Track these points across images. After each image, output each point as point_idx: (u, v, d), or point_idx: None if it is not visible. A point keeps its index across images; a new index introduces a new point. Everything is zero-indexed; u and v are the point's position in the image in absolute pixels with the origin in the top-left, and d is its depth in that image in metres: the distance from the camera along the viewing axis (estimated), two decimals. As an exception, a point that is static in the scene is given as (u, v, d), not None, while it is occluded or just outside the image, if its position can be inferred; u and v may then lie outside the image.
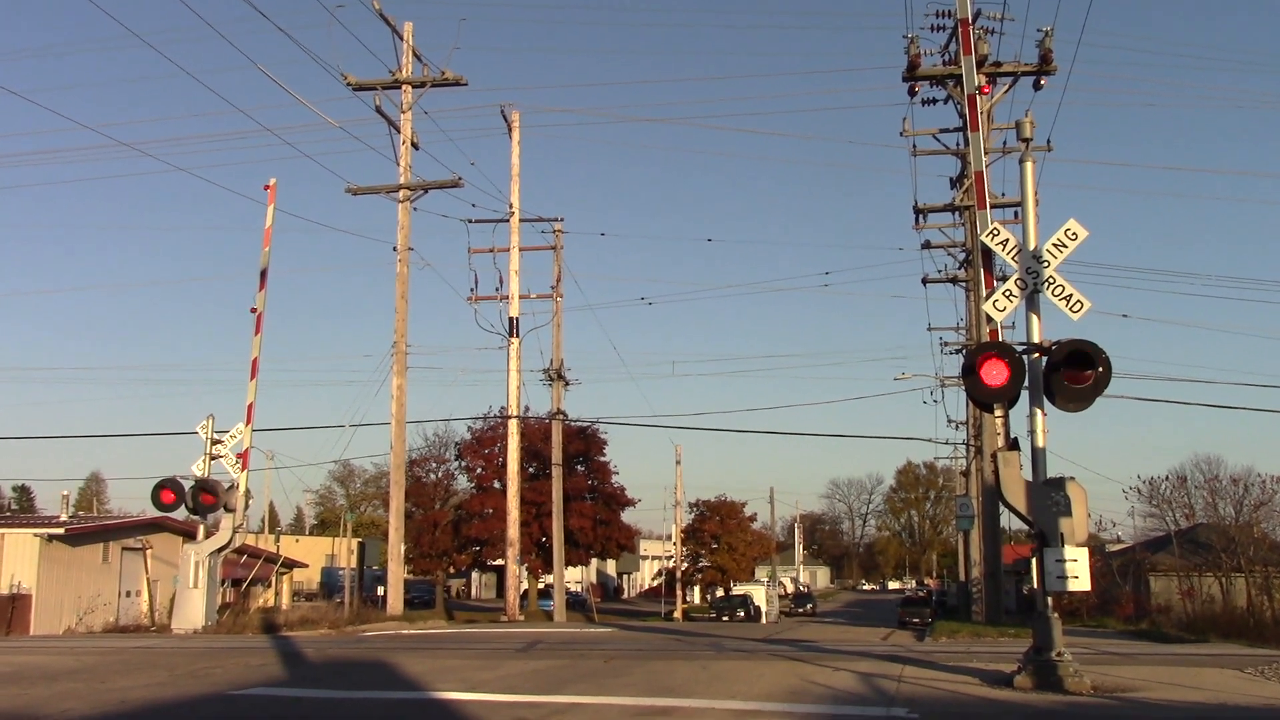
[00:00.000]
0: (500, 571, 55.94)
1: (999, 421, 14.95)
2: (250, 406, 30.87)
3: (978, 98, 16.01)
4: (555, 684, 14.29)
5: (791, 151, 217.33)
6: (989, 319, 15.36)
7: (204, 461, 30.29)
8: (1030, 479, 14.17)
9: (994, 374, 13.84)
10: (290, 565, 54.45)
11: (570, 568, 58.92)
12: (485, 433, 57.58)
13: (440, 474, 61.58)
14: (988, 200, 15.86)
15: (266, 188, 32.56)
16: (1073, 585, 13.45)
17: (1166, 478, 38.55)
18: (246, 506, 31.27)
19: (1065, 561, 13.39)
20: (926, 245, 45.46)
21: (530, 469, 54.66)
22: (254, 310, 31.25)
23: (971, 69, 16.39)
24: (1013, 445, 14.50)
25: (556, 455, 48.07)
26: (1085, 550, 13.83)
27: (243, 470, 30.87)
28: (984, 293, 15.33)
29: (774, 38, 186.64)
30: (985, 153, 35.16)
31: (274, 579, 50.34)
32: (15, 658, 19.80)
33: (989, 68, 34.88)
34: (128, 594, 39.10)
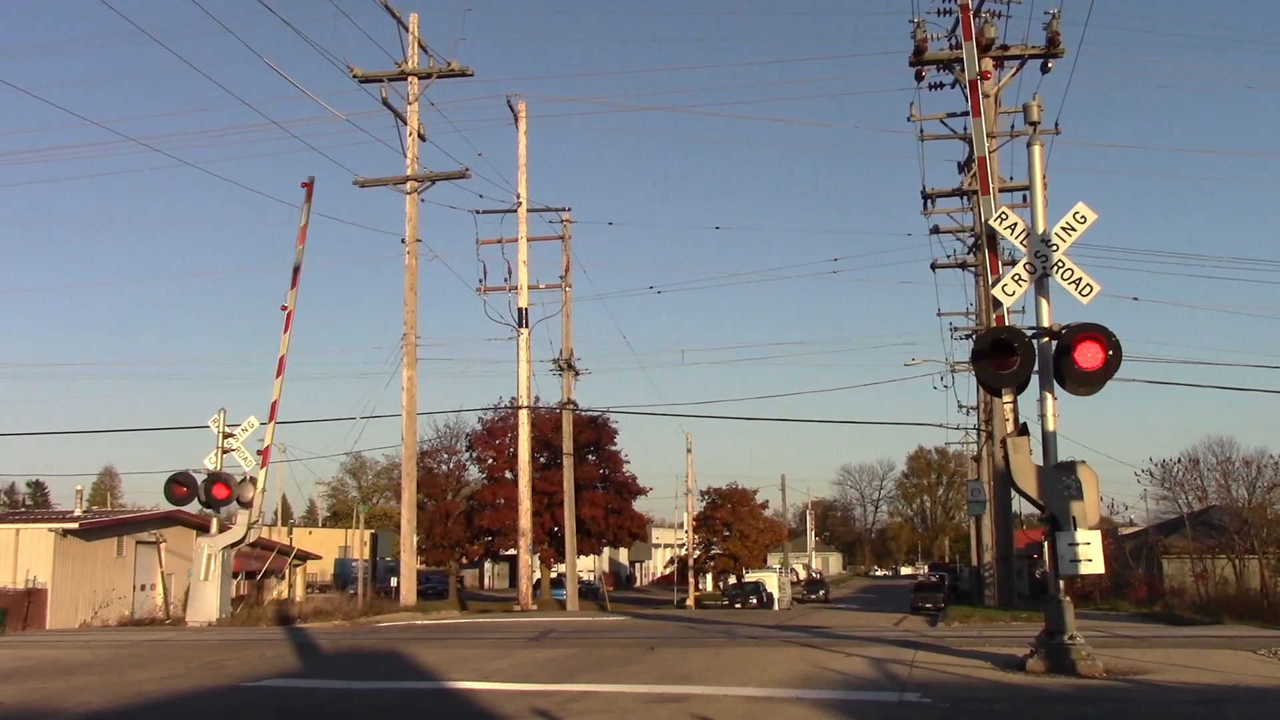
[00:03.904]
0: (513, 561, 56.00)
1: (1007, 407, 14.92)
2: (274, 405, 30.77)
3: (979, 83, 15.95)
4: (568, 672, 14.34)
5: (799, 138, 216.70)
6: (996, 303, 15.31)
7: (216, 455, 30.39)
8: (1041, 463, 14.15)
9: (1004, 359, 13.82)
10: (303, 557, 54.55)
11: (582, 557, 59.01)
12: (496, 423, 57.64)
13: (452, 465, 61.66)
14: (992, 185, 15.81)
15: (304, 185, 32.33)
16: (1086, 568, 13.42)
17: (1179, 460, 38.54)
18: (266, 519, 31.45)
19: (1078, 544, 13.36)
20: (935, 230, 45.28)
21: (541, 459, 54.72)
22: (284, 308, 31.07)
23: (973, 55, 16.31)
24: (1022, 430, 14.47)
25: (567, 445, 48.14)
26: (1098, 532, 13.80)
27: (263, 467, 30.98)
28: (991, 278, 15.27)
29: (780, 24, 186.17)
30: (993, 136, 35.21)
31: (287, 571, 50.47)
32: (32, 651, 19.93)
33: (996, 51, 34.75)
34: (142, 587, 39.25)
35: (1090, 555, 13.36)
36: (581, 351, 66.98)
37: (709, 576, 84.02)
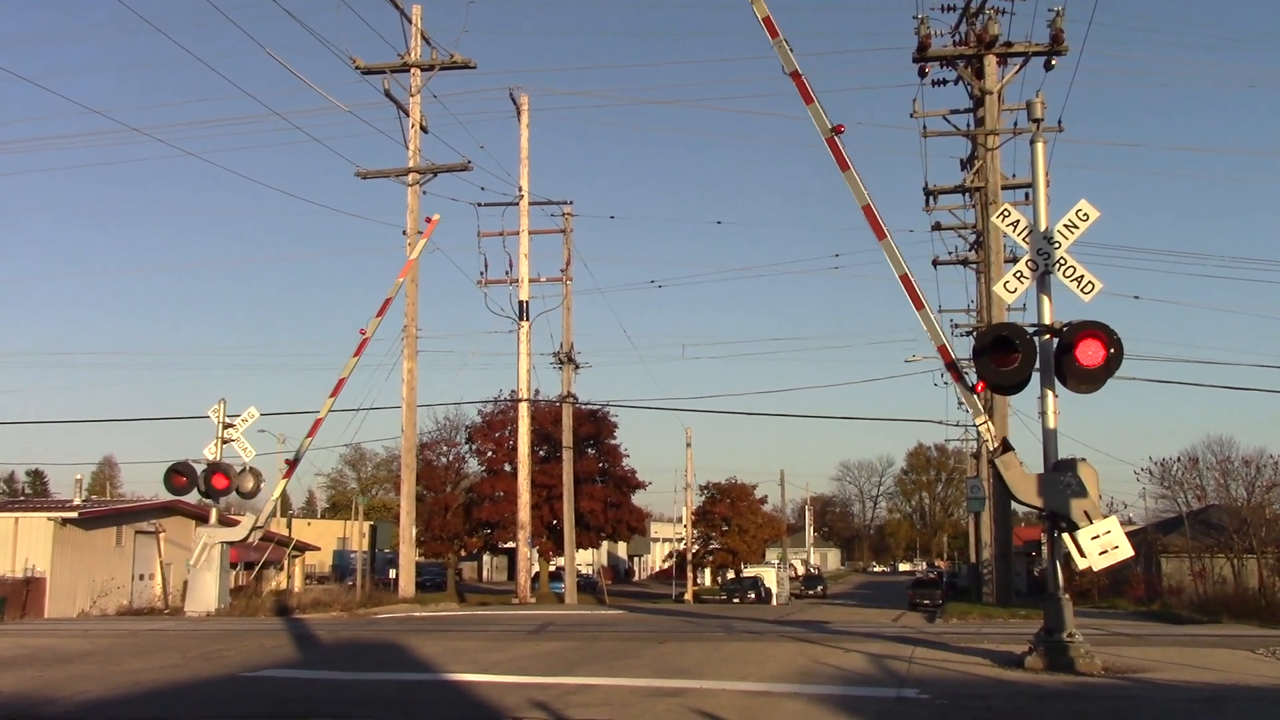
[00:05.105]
0: (511, 554, 56.02)
1: (984, 428, 14.93)
2: (319, 421, 30.77)
3: (837, 140, 15.91)
4: (566, 665, 14.34)
5: (801, 134, 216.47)
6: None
7: (216, 445, 30.37)
8: (1043, 460, 14.15)
9: (1005, 356, 13.80)
10: (302, 548, 54.57)
11: (581, 550, 58.98)
12: (496, 416, 57.63)
13: (451, 457, 61.59)
14: (886, 231, 15.68)
15: (429, 219, 32.37)
16: (1116, 555, 13.38)
17: (1178, 459, 38.41)
18: (274, 511, 31.86)
19: (1100, 537, 13.32)
20: (937, 227, 45.34)
21: (541, 452, 54.71)
22: (362, 332, 31.03)
23: (819, 113, 16.22)
24: (1006, 447, 14.41)
25: (567, 438, 48.12)
26: (1114, 517, 13.82)
27: (285, 478, 31.49)
28: (917, 312, 15.26)
29: (784, 19, 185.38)
30: (995, 133, 35.20)
31: (286, 562, 50.50)
32: (31, 640, 19.94)
33: (1000, 48, 34.72)
34: (141, 577, 39.27)
35: (1116, 542, 13.34)
36: (582, 345, 67.09)
37: (707, 571, 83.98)
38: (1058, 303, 14.27)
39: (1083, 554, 13.38)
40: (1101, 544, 13.26)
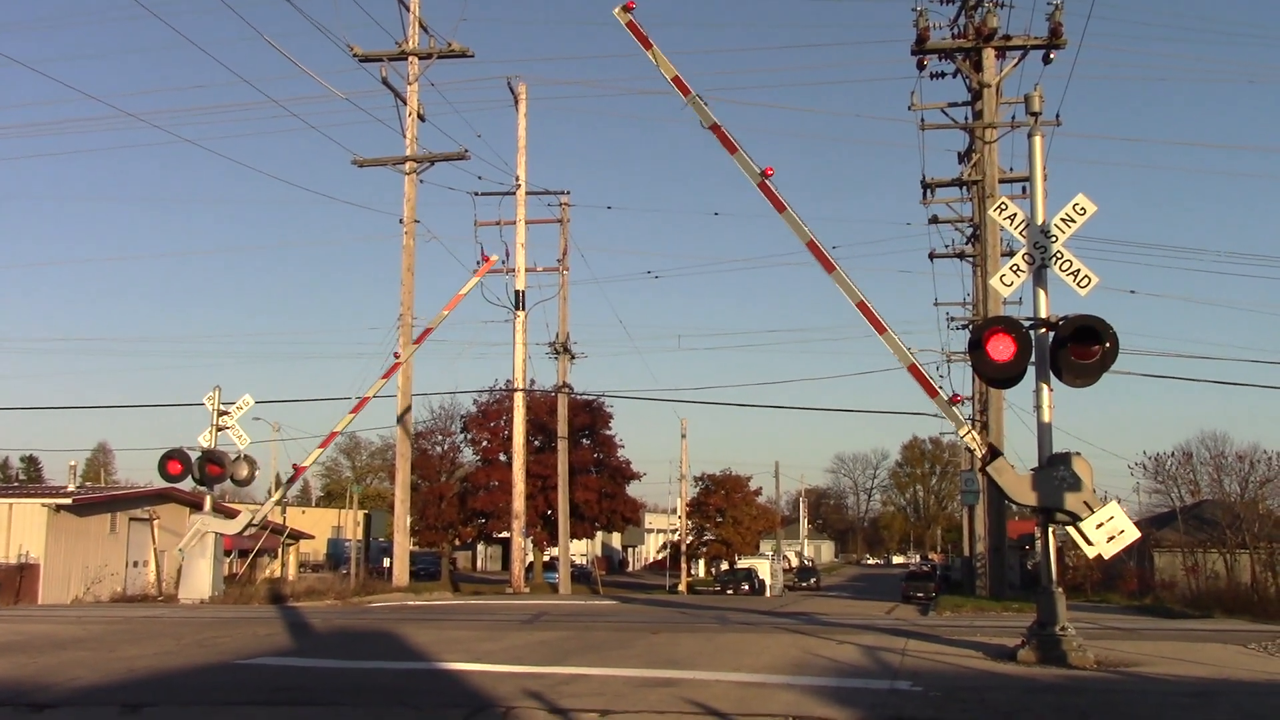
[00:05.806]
0: (505, 544, 56.15)
1: (969, 439, 14.93)
2: (333, 434, 31.03)
3: (769, 184, 15.90)
4: (560, 655, 14.35)
5: (798, 125, 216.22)
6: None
7: (210, 432, 30.31)
8: (1038, 454, 14.16)
9: (1000, 349, 13.78)
10: (296, 536, 54.55)
11: (575, 540, 59.06)
12: (491, 406, 57.64)
13: (446, 447, 61.60)
14: (834, 264, 15.58)
15: (485, 259, 32.54)
16: (1124, 541, 13.43)
17: (1172, 454, 38.38)
18: (270, 508, 32.08)
19: (1104, 524, 13.35)
20: (934, 220, 45.38)
21: (536, 442, 54.73)
22: (396, 355, 31.20)
23: (746, 161, 16.20)
24: (994, 454, 14.39)
25: (562, 428, 48.13)
26: (1114, 502, 13.86)
27: (293, 481, 32.18)
28: (895, 338, 15.24)
29: (782, 9, 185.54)
30: (993, 127, 35.18)
31: (280, 550, 50.52)
32: (24, 626, 19.93)
33: (998, 41, 34.72)
34: (135, 564, 39.28)
35: (1121, 527, 13.39)
36: (578, 335, 67.04)
37: (701, 562, 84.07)
38: (1054, 297, 14.27)
39: (1090, 543, 13.40)
40: (1107, 530, 13.31)
